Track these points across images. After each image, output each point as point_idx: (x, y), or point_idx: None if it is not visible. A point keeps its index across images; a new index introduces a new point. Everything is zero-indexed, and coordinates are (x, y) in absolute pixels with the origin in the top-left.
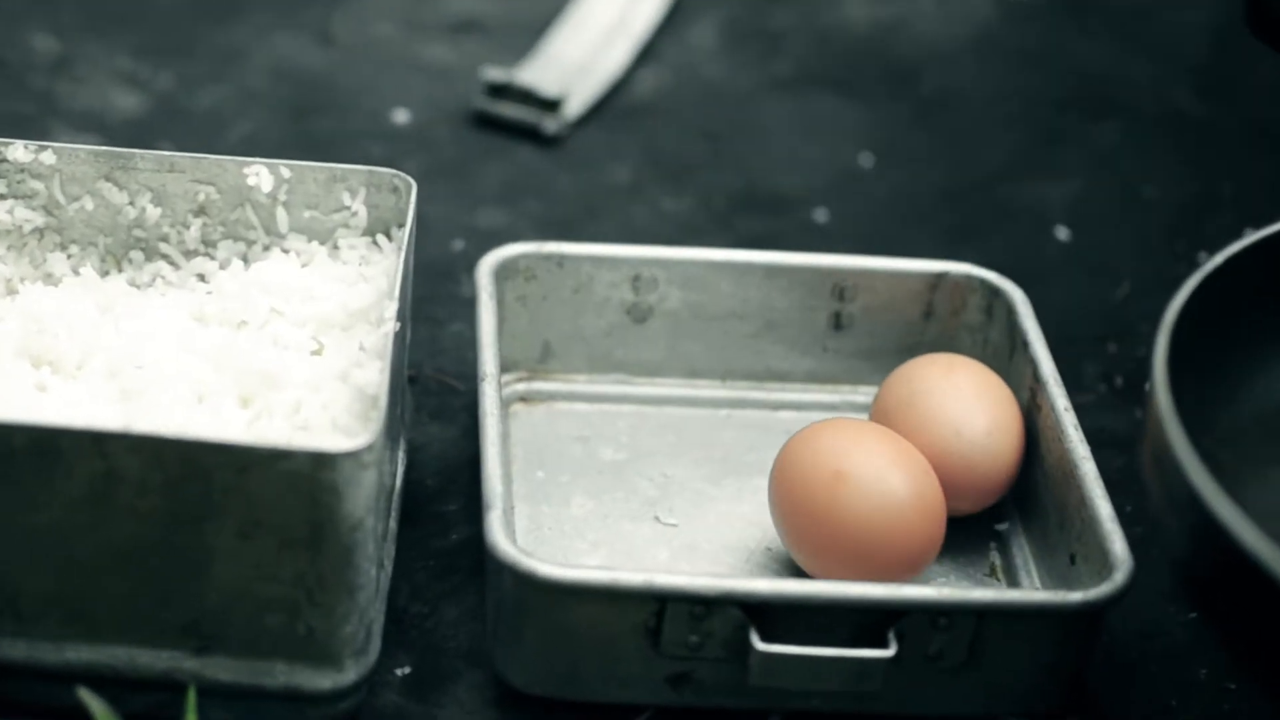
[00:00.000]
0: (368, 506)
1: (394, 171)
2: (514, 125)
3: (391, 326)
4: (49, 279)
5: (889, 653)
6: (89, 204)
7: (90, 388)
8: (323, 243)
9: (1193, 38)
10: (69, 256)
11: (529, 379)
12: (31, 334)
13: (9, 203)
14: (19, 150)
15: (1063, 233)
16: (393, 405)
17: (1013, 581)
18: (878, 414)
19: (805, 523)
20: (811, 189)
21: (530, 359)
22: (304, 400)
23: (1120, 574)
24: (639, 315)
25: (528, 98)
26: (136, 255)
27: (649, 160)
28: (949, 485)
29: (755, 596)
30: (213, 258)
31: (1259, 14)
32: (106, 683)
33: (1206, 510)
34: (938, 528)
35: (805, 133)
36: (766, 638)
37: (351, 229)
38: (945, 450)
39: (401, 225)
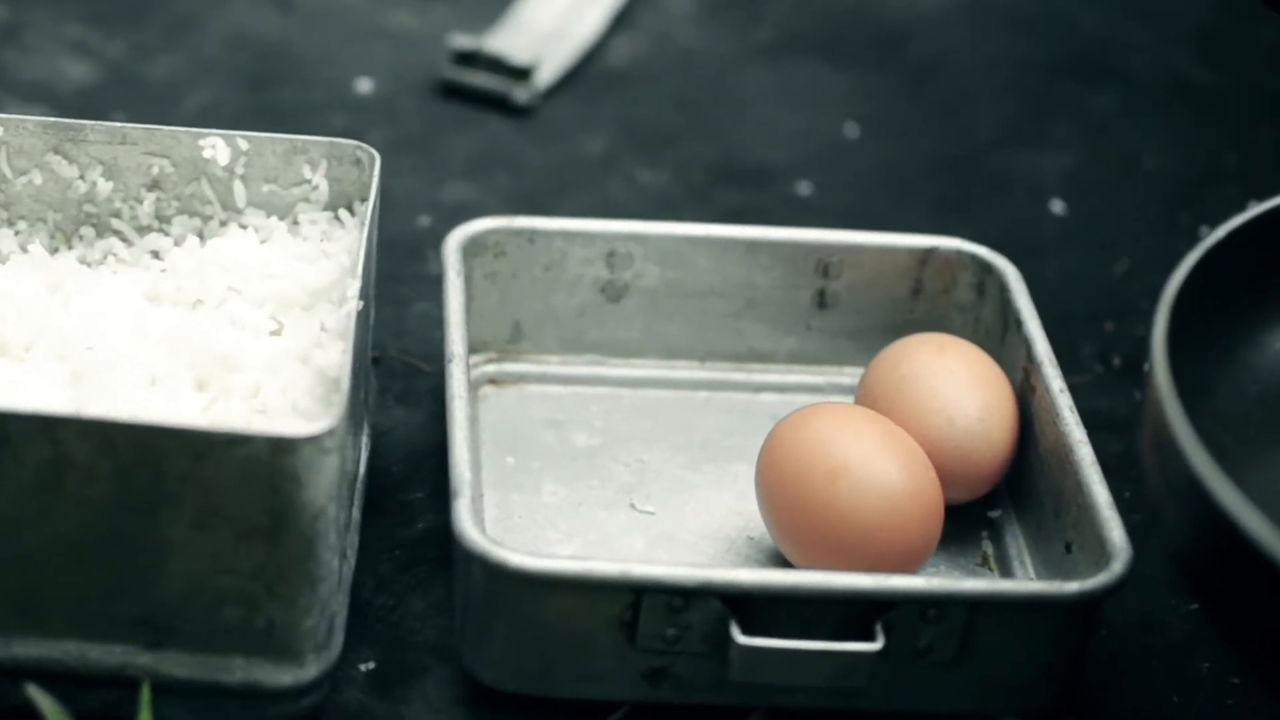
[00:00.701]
0: (329, 494)
1: (356, 143)
2: (482, 95)
3: (354, 306)
4: None
5: (876, 646)
6: (37, 178)
7: (39, 370)
8: (282, 218)
9: (1195, 1)
10: (16, 233)
11: (498, 360)
12: None
13: None
14: None
15: (1058, 206)
16: (355, 388)
17: (1006, 572)
18: (864, 397)
19: (799, 517)
20: (794, 160)
21: (500, 339)
22: (262, 383)
23: (1118, 563)
24: (614, 293)
25: (497, 66)
26: (87, 231)
27: (624, 131)
28: (942, 475)
29: (736, 587)
30: (167, 234)
31: None
32: (56, 679)
33: (1208, 496)
34: (935, 523)
35: (788, 102)
36: (748, 631)
37: (312, 203)
38: (938, 439)
39: (364, 199)
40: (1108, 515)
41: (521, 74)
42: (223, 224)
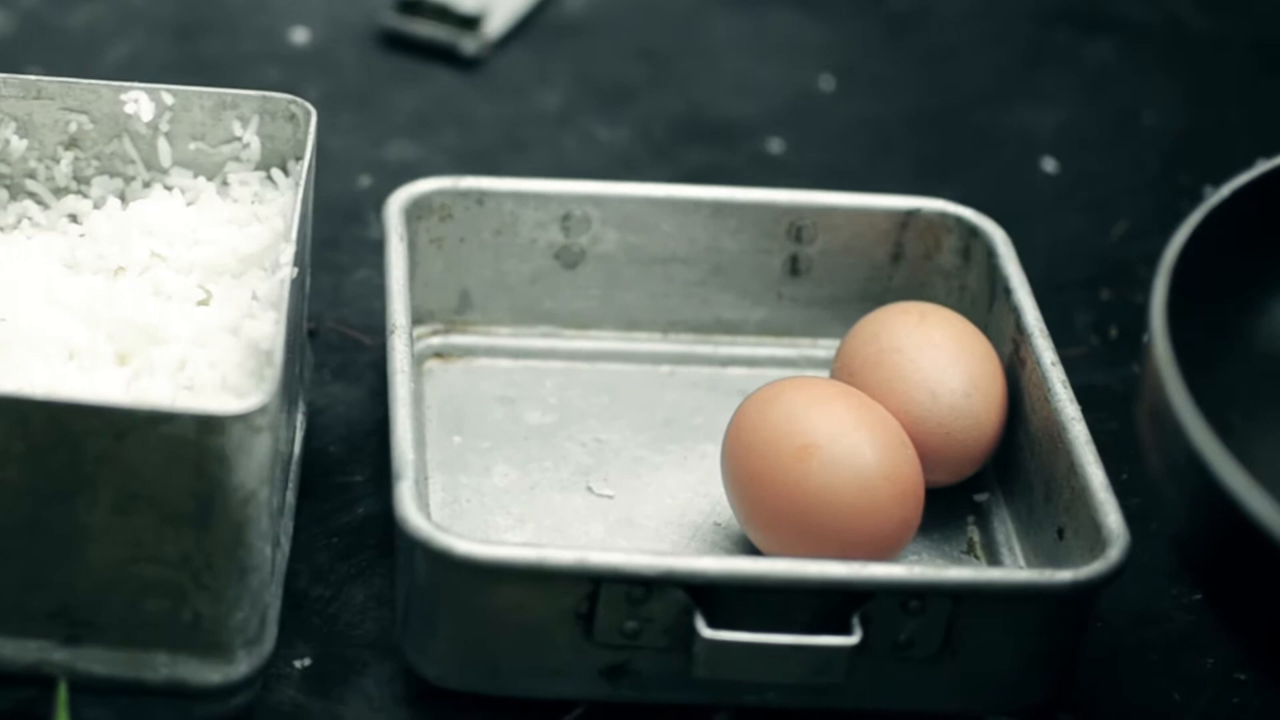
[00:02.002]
0: (261, 477)
1: (291, 97)
2: (428, 45)
3: (288, 273)
4: None
5: (853, 640)
6: None
7: None
8: (210, 178)
9: None
10: None
11: (445, 332)
12: None
13: None
14: None
15: (1050, 164)
16: (290, 362)
17: (993, 559)
18: (840, 371)
19: (766, 499)
20: (765, 116)
21: (446, 309)
22: (189, 357)
23: (1114, 550)
24: (569, 259)
25: (443, 14)
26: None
27: (581, 84)
28: (924, 455)
29: (701, 577)
30: (86, 196)
31: None
32: None
33: (1211, 476)
34: (915, 506)
35: (758, 52)
36: (714, 624)
37: (243, 163)
38: (919, 416)
39: (300, 158)
40: (1103, 498)
41: (469, 22)
42: (146, 185)
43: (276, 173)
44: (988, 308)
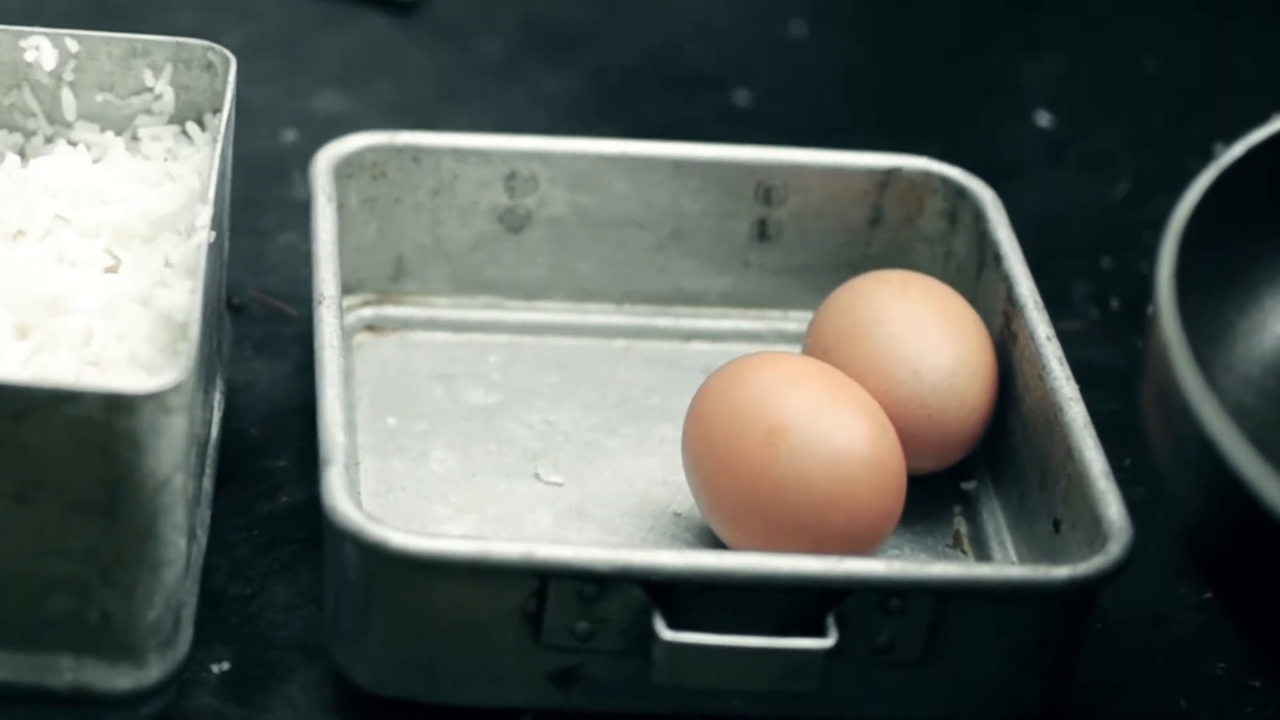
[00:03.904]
0: (175, 462)
1: (208, 44)
2: None
3: (205, 237)
4: None
5: (827, 643)
6: None
7: None
8: (119, 133)
9: None
10: None
11: (378, 303)
12: None
13: None
14: None
15: (1044, 118)
16: (207, 336)
17: (982, 554)
18: (813, 347)
19: (731, 488)
20: (730, 65)
21: (380, 278)
22: (96, 329)
23: (1116, 544)
24: (515, 223)
25: None
26: None
27: (526, 30)
28: (906, 439)
29: (660, 573)
30: None
31: None
32: None
33: (1224, 463)
34: (897, 495)
35: None
36: (674, 624)
37: (155, 115)
38: (901, 396)
39: (217, 111)
40: (1103, 487)
41: None
42: (48, 140)
43: (192, 127)
44: (976, 276)
